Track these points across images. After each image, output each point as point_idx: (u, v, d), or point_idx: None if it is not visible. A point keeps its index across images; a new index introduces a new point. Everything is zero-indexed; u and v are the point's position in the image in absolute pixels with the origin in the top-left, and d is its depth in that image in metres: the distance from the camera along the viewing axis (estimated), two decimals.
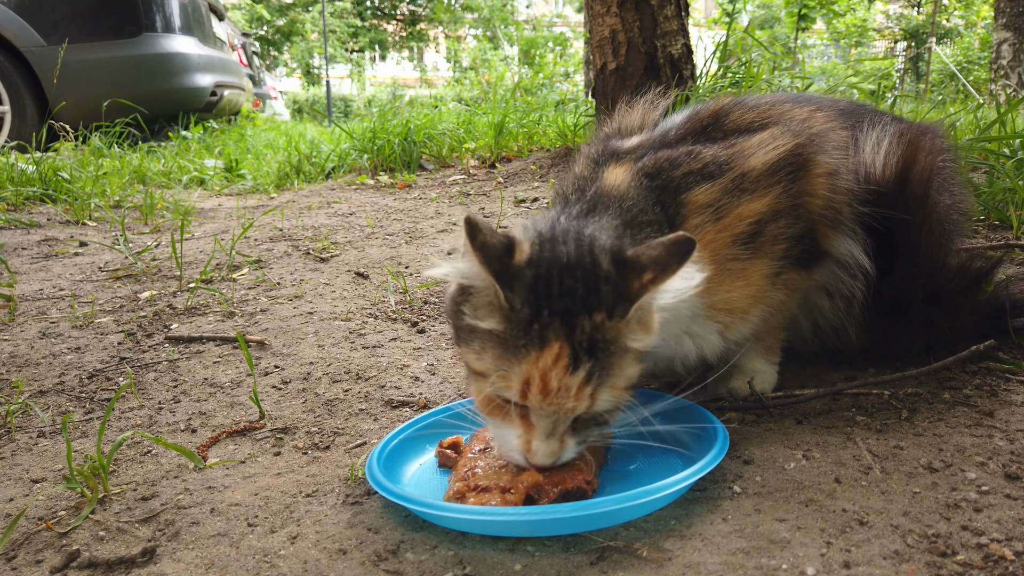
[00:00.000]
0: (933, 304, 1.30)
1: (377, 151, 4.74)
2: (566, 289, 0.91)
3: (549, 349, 0.88)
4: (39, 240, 3.02)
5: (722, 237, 1.11)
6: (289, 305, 2.06)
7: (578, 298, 0.90)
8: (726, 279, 1.12)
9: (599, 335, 0.90)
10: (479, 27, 29.20)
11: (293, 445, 1.26)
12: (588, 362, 0.89)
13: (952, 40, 18.60)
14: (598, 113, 3.83)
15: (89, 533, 1.00)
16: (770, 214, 1.13)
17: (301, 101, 23.97)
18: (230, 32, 8.23)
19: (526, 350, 0.89)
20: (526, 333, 0.89)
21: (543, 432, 0.93)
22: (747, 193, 1.12)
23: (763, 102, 1.34)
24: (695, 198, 1.12)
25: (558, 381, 0.89)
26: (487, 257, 0.91)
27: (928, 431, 1.14)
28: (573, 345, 0.89)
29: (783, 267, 1.17)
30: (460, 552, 0.91)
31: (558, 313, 0.89)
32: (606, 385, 0.91)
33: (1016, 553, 0.83)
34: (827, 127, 1.28)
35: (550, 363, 0.88)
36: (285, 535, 0.97)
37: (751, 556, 0.85)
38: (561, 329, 0.89)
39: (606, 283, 0.91)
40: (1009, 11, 7.56)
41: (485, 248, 0.91)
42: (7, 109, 5.47)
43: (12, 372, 1.64)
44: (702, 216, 1.11)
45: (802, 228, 1.17)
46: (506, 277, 0.92)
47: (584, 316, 0.89)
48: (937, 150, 1.32)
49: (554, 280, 0.91)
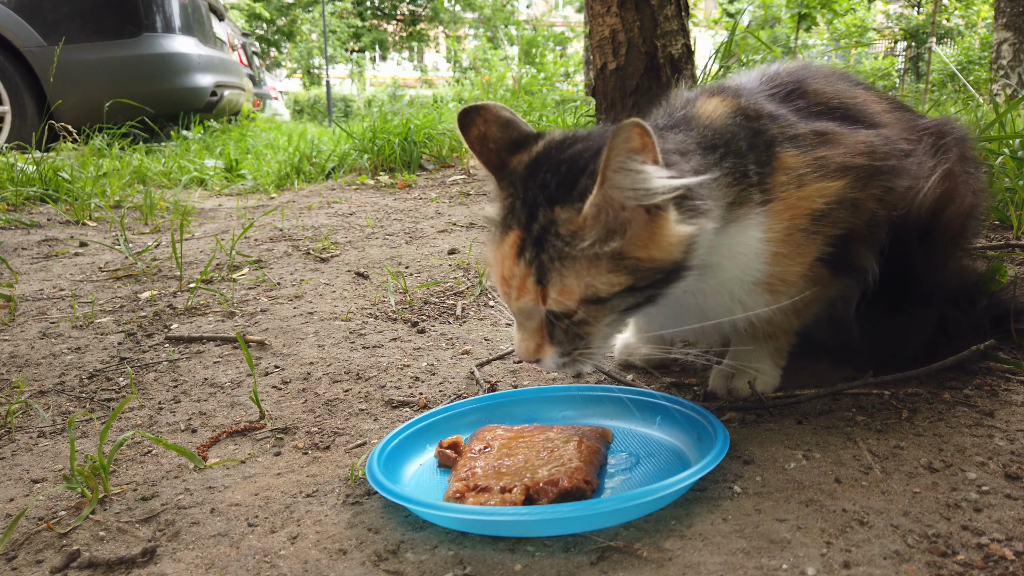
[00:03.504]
0: (939, 308, 1.29)
1: (377, 151, 4.74)
2: (543, 181, 0.93)
3: (510, 235, 0.92)
4: (39, 240, 3.02)
5: (802, 206, 1.07)
6: (289, 305, 2.06)
7: (548, 189, 0.91)
8: (793, 249, 1.08)
9: (552, 227, 0.90)
10: (479, 27, 29.20)
11: (293, 445, 1.26)
12: (531, 252, 0.90)
13: (952, 40, 18.60)
14: (598, 113, 3.83)
15: (89, 533, 1.00)
16: (839, 200, 1.10)
17: (301, 101, 23.98)
18: (230, 32, 8.23)
19: (501, 236, 0.94)
20: (503, 220, 0.95)
21: (517, 322, 0.97)
22: (828, 175, 1.09)
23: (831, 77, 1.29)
24: (786, 158, 1.08)
25: (509, 268, 0.92)
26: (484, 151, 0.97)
27: (928, 431, 1.14)
28: (525, 234, 0.91)
29: (821, 258, 1.14)
30: (460, 552, 0.91)
31: (527, 203, 0.92)
32: (553, 283, 0.90)
33: (1016, 553, 0.83)
34: (880, 113, 1.25)
35: (507, 249, 0.92)
36: (285, 535, 0.97)
37: (751, 556, 0.85)
38: (523, 218, 0.91)
39: (588, 177, 0.89)
40: (1009, 11, 7.56)
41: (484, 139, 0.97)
42: (7, 109, 5.47)
43: (12, 372, 1.64)
44: (788, 176, 1.07)
45: (852, 225, 1.13)
46: (504, 170, 0.97)
47: (544, 208, 0.91)
48: (973, 189, 1.31)
49: (540, 173, 0.94)
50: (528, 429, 1.15)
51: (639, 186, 0.86)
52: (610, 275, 0.90)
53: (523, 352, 0.97)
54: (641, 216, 0.90)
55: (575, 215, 0.88)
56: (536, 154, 0.98)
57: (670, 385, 1.40)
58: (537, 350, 0.96)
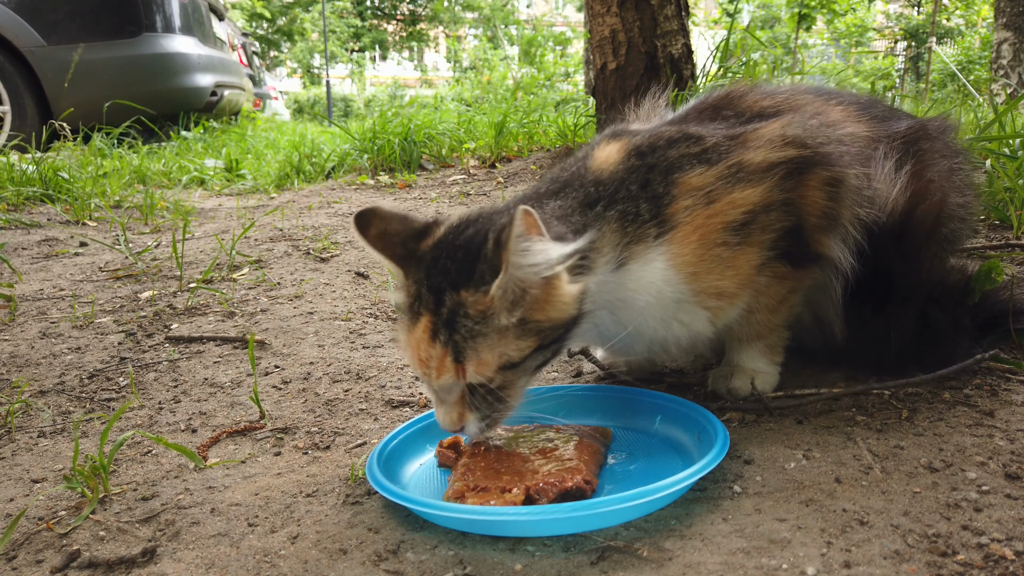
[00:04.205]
0: (919, 307, 1.28)
1: (377, 151, 4.74)
2: (444, 268, 0.99)
3: (421, 321, 0.99)
4: (39, 240, 3.02)
5: (713, 222, 1.11)
6: (289, 305, 2.06)
7: (450, 275, 0.98)
8: (715, 266, 1.12)
9: (460, 310, 0.96)
10: (479, 27, 29.20)
11: (293, 445, 1.26)
12: (444, 334, 0.97)
13: (952, 40, 18.59)
14: (598, 113, 3.83)
15: (89, 533, 1.00)
16: (763, 205, 1.13)
17: (301, 101, 23.98)
18: (230, 32, 8.23)
19: (411, 323, 1.00)
20: (412, 306, 1.01)
21: (438, 400, 1.03)
22: (742, 182, 1.12)
23: (782, 90, 1.33)
24: (689, 180, 1.12)
25: (425, 351, 0.98)
26: (384, 245, 1.05)
27: (928, 431, 1.14)
28: (436, 318, 0.97)
29: (771, 258, 1.17)
30: (460, 552, 0.91)
31: (433, 289, 0.98)
32: (470, 359, 0.97)
33: (1016, 553, 0.83)
34: (841, 121, 1.27)
35: (420, 333, 0.99)
36: (285, 535, 0.97)
37: (751, 556, 0.85)
38: (431, 303, 0.98)
39: (484, 261, 0.97)
40: (1009, 11, 7.56)
41: (384, 236, 1.05)
42: (7, 109, 5.47)
43: (12, 372, 1.64)
44: (693, 199, 1.11)
45: (793, 222, 1.16)
46: (407, 260, 1.04)
47: (450, 292, 0.97)
48: (954, 184, 1.32)
49: (441, 261, 1.00)
50: (528, 429, 1.15)
51: (535, 262, 0.94)
52: (519, 341, 0.98)
53: (447, 424, 1.03)
54: (537, 285, 0.97)
55: (482, 296, 0.95)
56: (437, 239, 1.04)
57: (670, 385, 1.40)
58: (459, 419, 1.02)
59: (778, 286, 1.20)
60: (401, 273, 1.05)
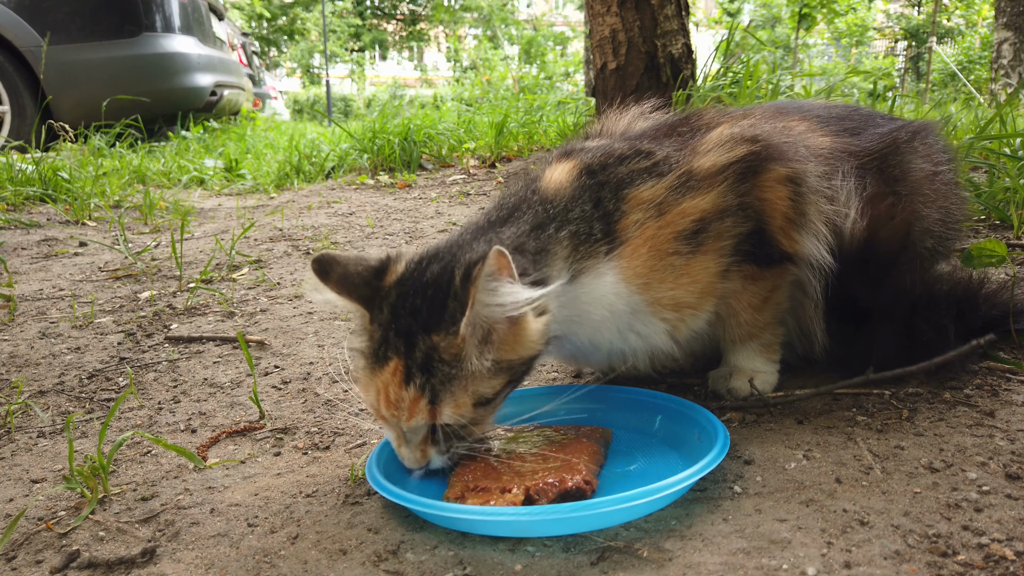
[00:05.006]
0: (912, 318, 1.27)
1: (377, 151, 4.74)
2: (413, 309, 0.98)
3: (388, 366, 0.97)
4: (39, 240, 3.02)
5: (663, 233, 1.11)
6: (289, 305, 2.06)
7: (420, 318, 0.97)
8: (668, 275, 1.12)
9: (435, 354, 0.95)
10: (479, 26, 29.19)
11: (293, 445, 1.25)
12: (420, 378, 0.95)
13: (953, 40, 18.60)
14: (598, 113, 3.83)
15: (89, 533, 1.00)
16: (715, 212, 1.12)
17: (301, 101, 23.98)
18: (230, 32, 8.23)
19: (376, 366, 0.98)
20: (376, 351, 0.98)
21: (402, 441, 1.01)
22: (692, 191, 1.12)
23: (741, 111, 1.32)
24: (639, 194, 1.12)
25: (395, 394, 0.96)
26: (348, 288, 1.01)
27: (929, 431, 1.14)
28: (407, 363, 0.96)
29: (736, 262, 1.16)
30: (460, 552, 0.90)
31: (402, 333, 0.97)
32: (446, 402, 0.96)
33: (1017, 553, 0.83)
34: (804, 132, 1.27)
35: (389, 376, 0.97)
36: (285, 535, 0.97)
37: (752, 556, 0.85)
38: (401, 347, 0.96)
39: (453, 299, 0.96)
40: (1010, 11, 7.56)
41: (345, 279, 1.01)
42: (7, 109, 5.47)
43: (12, 372, 1.64)
44: (643, 212, 1.11)
45: (752, 226, 1.15)
46: (371, 300, 1.01)
47: (421, 336, 0.96)
48: (934, 190, 1.32)
49: (408, 300, 0.99)
50: (528, 428, 1.15)
51: (502, 302, 0.94)
52: (492, 379, 0.99)
53: (414, 463, 1.02)
54: (504, 323, 0.98)
55: (453, 339, 0.95)
56: (400, 276, 1.03)
57: (670, 386, 1.40)
58: (423, 457, 1.02)
59: (755, 286, 1.20)
60: (366, 316, 1.02)
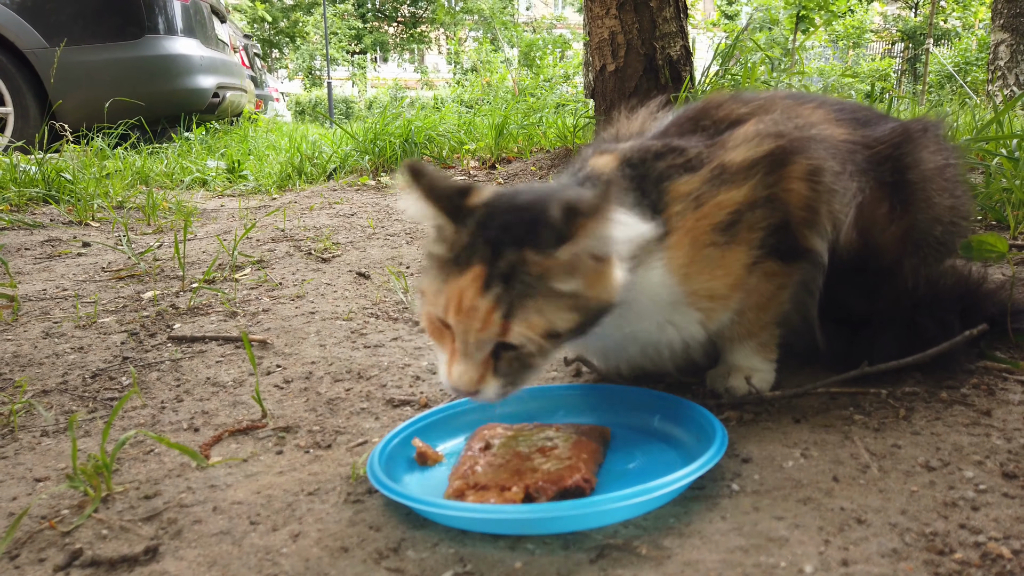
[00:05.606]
0: (915, 316, 1.28)
1: (378, 152, 4.75)
2: (505, 224, 0.97)
3: (471, 270, 0.95)
4: (42, 241, 3.03)
5: (702, 224, 1.14)
6: (291, 305, 2.07)
7: (513, 232, 0.96)
8: (706, 266, 1.15)
9: (522, 267, 0.95)
10: (480, 29, 29.22)
11: (295, 444, 1.26)
12: (499, 287, 0.94)
13: (950, 41, 18.60)
14: (597, 114, 3.84)
15: (92, 532, 1.01)
16: (747, 204, 1.16)
17: (303, 103, 24.01)
18: (232, 34, 8.25)
19: (456, 270, 0.97)
20: (459, 256, 0.97)
21: (461, 353, 0.98)
22: (726, 184, 1.15)
23: (759, 97, 1.35)
24: (678, 187, 1.15)
25: (470, 300, 0.94)
26: (435, 196, 1.00)
27: (926, 430, 1.14)
28: (490, 271, 0.94)
29: (761, 256, 1.19)
30: (460, 550, 0.91)
31: (490, 242, 0.96)
32: (519, 318, 0.95)
33: (1014, 551, 0.84)
34: (820, 122, 1.28)
35: (468, 282, 0.95)
36: (287, 533, 0.98)
37: (749, 554, 0.86)
38: (487, 255, 0.95)
39: (547, 226, 0.96)
40: (1006, 12, 7.56)
41: (432, 188, 1.00)
42: (10, 110, 5.48)
43: (15, 372, 1.64)
44: (683, 204, 1.14)
45: (779, 218, 1.18)
46: (457, 212, 1.00)
47: (511, 247, 0.95)
48: (932, 164, 1.34)
49: (499, 216, 0.98)
50: (528, 427, 1.16)
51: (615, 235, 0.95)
52: (567, 313, 0.97)
53: (464, 383, 0.98)
54: (603, 258, 0.98)
55: (545, 258, 0.94)
56: (488, 199, 1.03)
57: (669, 385, 1.41)
58: (480, 380, 0.98)
59: (767, 283, 1.22)
60: (450, 225, 1.00)
